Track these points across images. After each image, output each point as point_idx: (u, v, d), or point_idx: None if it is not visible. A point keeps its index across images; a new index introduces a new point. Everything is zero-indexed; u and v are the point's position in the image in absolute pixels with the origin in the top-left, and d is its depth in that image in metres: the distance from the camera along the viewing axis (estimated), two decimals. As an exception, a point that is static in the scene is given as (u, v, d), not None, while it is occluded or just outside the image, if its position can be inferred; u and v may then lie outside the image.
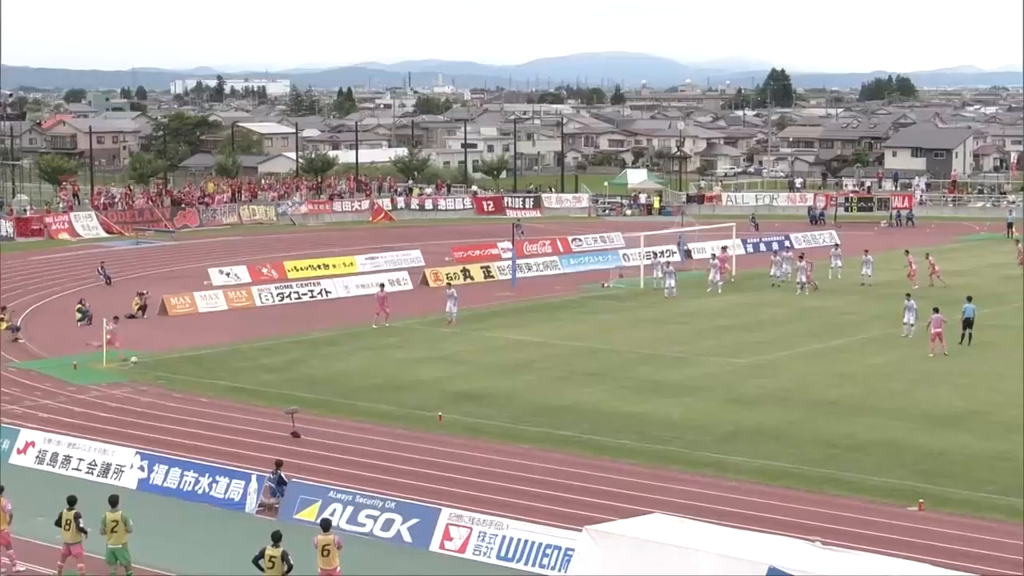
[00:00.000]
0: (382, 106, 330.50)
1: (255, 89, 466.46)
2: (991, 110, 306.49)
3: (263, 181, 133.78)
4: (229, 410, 45.50)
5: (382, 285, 67.63)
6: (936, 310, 55.42)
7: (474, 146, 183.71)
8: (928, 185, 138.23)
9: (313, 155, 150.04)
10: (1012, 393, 47.43)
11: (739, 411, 44.89)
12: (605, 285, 76.31)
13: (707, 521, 30.06)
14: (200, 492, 35.20)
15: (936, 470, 37.53)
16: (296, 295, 72.01)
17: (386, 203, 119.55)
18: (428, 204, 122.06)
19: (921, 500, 34.40)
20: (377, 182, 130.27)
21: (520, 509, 33.50)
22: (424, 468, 37.81)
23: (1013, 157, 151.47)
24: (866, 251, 76.05)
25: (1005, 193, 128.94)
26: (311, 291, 72.89)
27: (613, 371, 51.76)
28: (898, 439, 40.90)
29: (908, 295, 60.16)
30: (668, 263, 75.17)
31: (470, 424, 43.29)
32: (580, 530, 27.42)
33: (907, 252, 77.06)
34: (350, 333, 60.92)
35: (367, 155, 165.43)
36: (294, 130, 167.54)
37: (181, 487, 35.57)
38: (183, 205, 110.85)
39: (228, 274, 77.12)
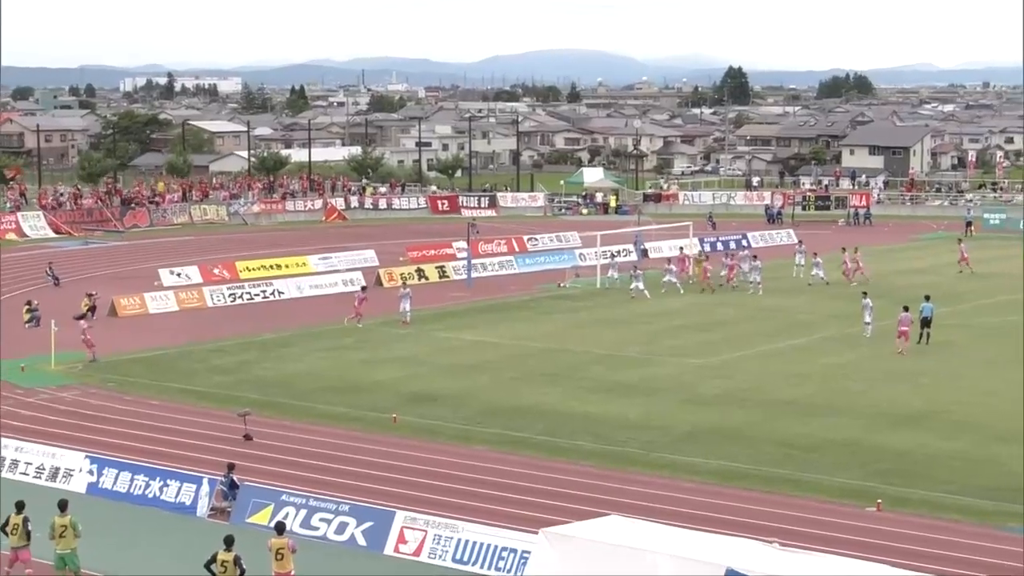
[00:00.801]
0: (335, 104, 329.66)
1: (206, 87, 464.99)
2: (949, 108, 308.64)
3: (214, 180, 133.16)
4: (180, 412, 45.30)
5: (364, 287, 66.97)
6: (906, 308, 55.83)
7: (429, 144, 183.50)
8: (886, 183, 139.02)
9: (265, 154, 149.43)
10: (970, 392, 47.80)
11: (696, 411, 45.02)
12: (561, 285, 76.39)
13: (664, 522, 30.11)
14: (151, 496, 35.03)
15: (894, 470, 37.75)
16: (248, 296, 71.75)
17: (339, 202, 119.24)
18: (382, 203, 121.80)
19: (879, 500, 34.58)
20: (330, 181, 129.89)
21: (476, 511, 33.49)
22: (379, 470, 37.75)
23: (971, 155, 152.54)
24: (815, 254, 76.38)
25: (963, 192, 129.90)
26: (263, 292, 72.63)
27: (569, 372, 51.81)
28: (856, 439, 41.12)
29: (865, 293, 60.62)
30: (636, 266, 75.27)
31: (425, 426, 43.25)
32: (536, 532, 27.42)
33: (844, 249, 77.93)
34: (303, 334, 60.75)
35: (320, 154, 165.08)
36: (246, 128, 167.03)
37: (131, 491, 35.38)
38: (133, 205, 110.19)
39: (179, 275, 76.77)
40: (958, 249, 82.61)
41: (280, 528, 28.66)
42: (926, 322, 56.84)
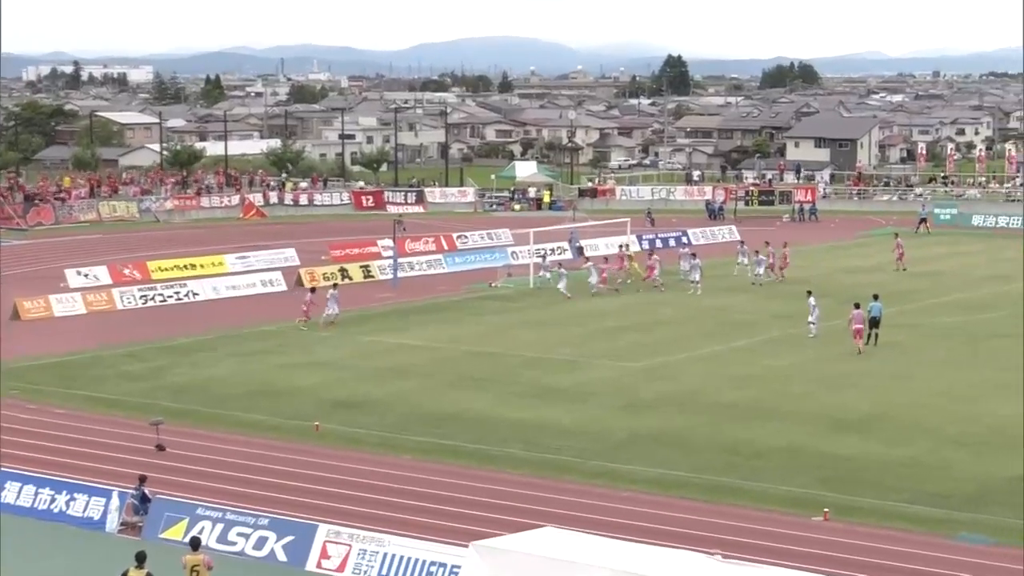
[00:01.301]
0: (253, 94, 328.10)
1: (115, 76, 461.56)
2: (898, 98, 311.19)
3: (124, 175, 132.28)
4: (88, 422, 44.96)
5: (312, 289, 66.54)
6: (857, 306, 56.29)
7: (352, 137, 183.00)
8: (832, 177, 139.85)
9: (179, 147, 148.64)
10: (919, 395, 48.23)
11: (634, 417, 45.16)
12: (492, 285, 76.44)
13: (601, 534, 30.20)
14: (57, 511, 34.74)
15: (841, 477, 38.00)
16: (161, 297, 71.34)
17: (258, 198, 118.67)
18: (303, 199, 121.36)
19: (826, 509, 34.79)
20: (248, 176, 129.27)
21: (403, 524, 33.45)
22: (300, 482, 37.63)
23: (920, 148, 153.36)
24: (757, 251, 76.94)
25: (912, 186, 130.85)
26: (177, 293, 72.24)
27: (500, 376, 51.85)
28: (801, 445, 41.38)
29: (809, 292, 61.04)
30: (560, 264, 75.35)
31: (349, 434, 43.15)
32: (466, 546, 27.43)
33: (767, 243, 79.17)
34: (220, 338, 60.47)
35: (237, 147, 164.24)
36: (158, 120, 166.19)
37: (36, 506, 35.08)
38: (37, 201, 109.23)
39: (86, 275, 76.20)
40: (895, 244, 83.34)
41: (195, 543, 28.50)
42: (874, 322, 57.31)
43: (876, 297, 59.01)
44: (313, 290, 65.64)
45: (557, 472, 38.73)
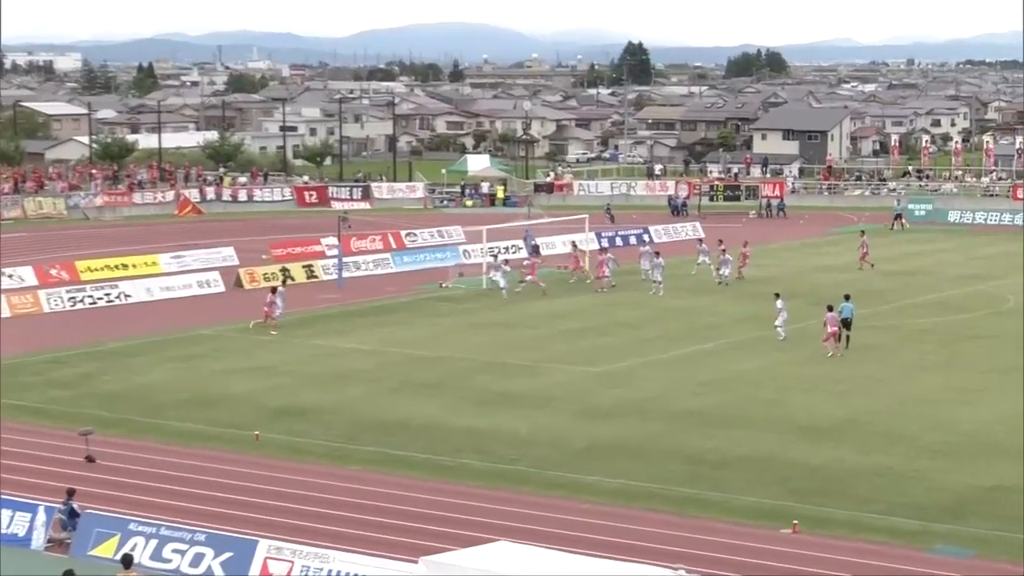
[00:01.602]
0: (188, 84, 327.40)
1: (41, 64, 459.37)
2: (870, 88, 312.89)
3: (51, 169, 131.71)
4: (13, 432, 44.65)
5: (274, 289, 66.16)
6: (830, 308, 56.45)
7: (294, 129, 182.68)
8: (801, 171, 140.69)
9: (109, 139, 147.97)
10: (894, 400, 48.42)
11: (594, 425, 45.19)
12: (443, 285, 76.40)
13: (559, 549, 30.20)
14: (-21, 527, 34.50)
15: (812, 487, 38.11)
16: (91, 299, 71.00)
17: (194, 194, 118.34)
18: (242, 195, 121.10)
19: (796, 521, 34.89)
20: (183, 170, 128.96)
21: (349, 539, 33.38)
22: (239, 495, 37.49)
23: (894, 140, 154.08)
24: (724, 250, 76.94)
25: (885, 180, 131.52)
26: (108, 295, 71.91)
27: (453, 381, 51.82)
28: (770, 453, 41.48)
29: (777, 295, 61.00)
30: (504, 261, 75.36)
31: (292, 443, 43.03)
32: (416, 562, 27.40)
33: (720, 241, 79.74)
34: (153, 342, 60.24)
35: (172, 139, 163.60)
36: (86, 111, 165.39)
37: (-43, 521, 34.82)
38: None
39: (10, 276, 75.74)
40: (861, 242, 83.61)
41: (127, 561, 28.36)
42: (846, 324, 57.42)
43: (847, 297, 59.13)
44: (274, 290, 65.31)
45: (512, 483, 38.71)
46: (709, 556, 32.37)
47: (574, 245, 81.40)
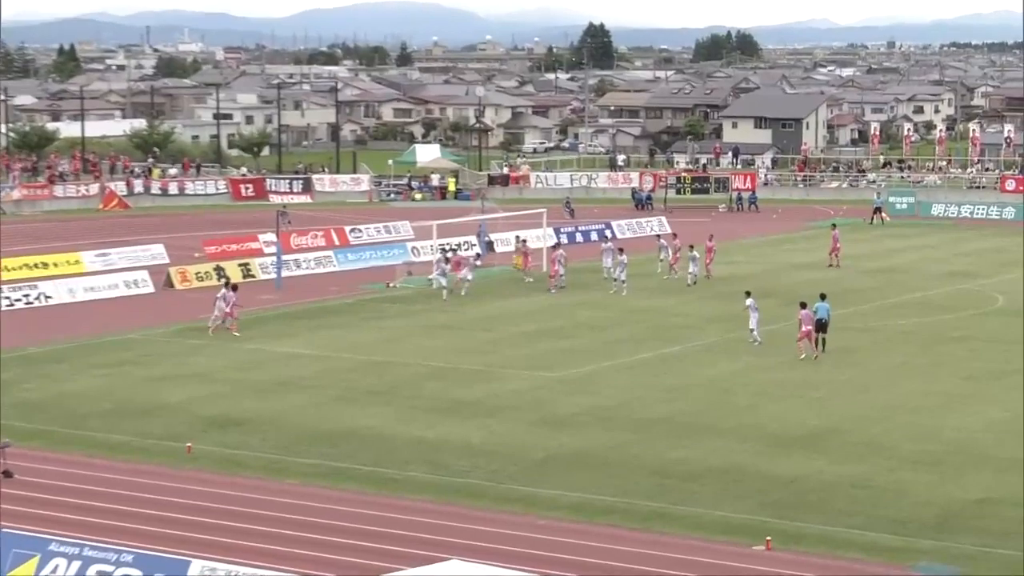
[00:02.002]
0: (114, 67, 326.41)
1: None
2: (848, 72, 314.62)
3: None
4: (-76, 445, 44.42)
5: (235, 287, 65.86)
6: (803, 305, 56.61)
7: (229, 117, 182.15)
8: (774, 162, 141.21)
9: (28, 128, 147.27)
10: (873, 407, 48.62)
11: (552, 434, 45.24)
12: (391, 285, 76.36)
13: (515, 568, 30.21)
14: None
15: (786, 501, 38.24)
16: (7, 301, 70.59)
17: (120, 187, 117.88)
18: (172, 188, 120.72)
19: (769, 537, 35.00)
20: (109, 161, 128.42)
21: (288, 559, 33.32)
22: (170, 511, 37.38)
23: (874, 128, 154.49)
24: (691, 246, 77.03)
25: (864, 171, 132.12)
26: (26, 296, 71.58)
27: (401, 388, 51.81)
28: (741, 464, 41.59)
29: (748, 293, 60.94)
30: (447, 258, 75.41)
31: (227, 456, 42.93)
32: (362, 582, 27.39)
33: (674, 235, 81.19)
34: (77, 347, 60.00)
35: (96, 128, 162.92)
36: (2, 97, 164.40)
37: None
38: None
39: (-78, 276, 75.38)
40: (832, 236, 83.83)
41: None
42: (821, 326, 57.47)
43: (823, 297, 59.10)
44: (235, 287, 65.09)
45: (465, 497, 38.72)
46: (677, 575, 32.43)
47: (523, 242, 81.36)
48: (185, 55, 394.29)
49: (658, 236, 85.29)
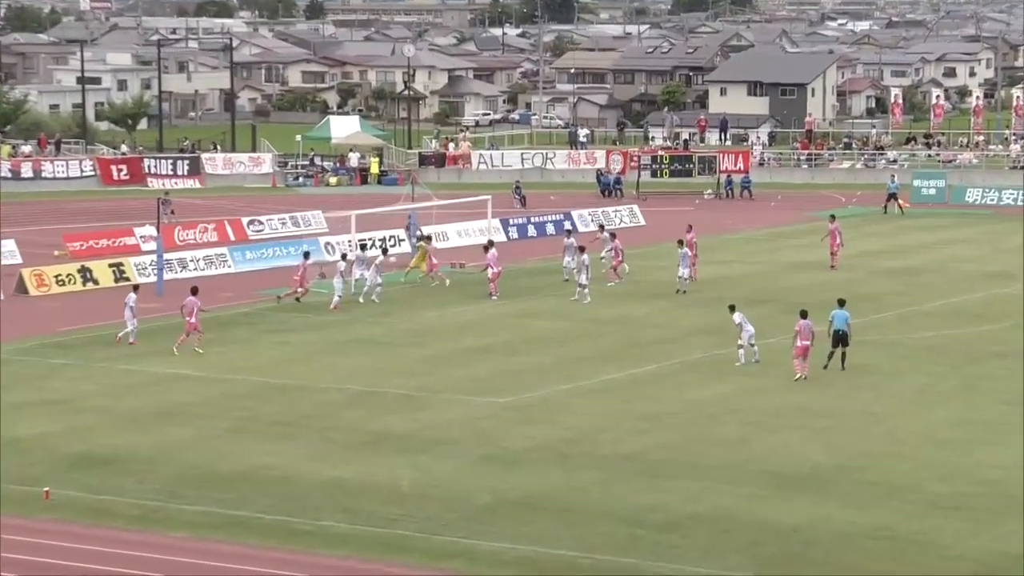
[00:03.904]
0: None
1: None
2: (863, 26, 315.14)
3: None
4: None
5: (194, 289, 65.74)
6: (804, 314, 56.61)
7: (97, 81, 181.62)
8: (773, 137, 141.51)
9: None
10: (892, 440, 48.70)
11: (499, 474, 45.31)
12: (299, 291, 76.23)
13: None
14: None
15: (786, 555, 38.40)
16: None
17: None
18: (26, 170, 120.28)
19: (765, 599, 35.21)
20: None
21: (173, 630, 33.34)
22: (23, 570, 37.29)
23: (895, 95, 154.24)
24: (681, 241, 76.56)
25: (883, 148, 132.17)
26: None
27: (311, 419, 51.78)
28: (731, 511, 41.71)
29: (732, 307, 60.38)
30: (346, 254, 75.61)
31: (95, 503, 42.81)
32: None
33: (601, 227, 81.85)
34: (-92, 368, 59.77)
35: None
36: None
37: None
38: None
39: None
40: (830, 230, 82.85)
41: None
42: (840, 338, 57.62)
43: (842, 303, 58.93)
44: (195, 291, 65.05)
45: (390, 552, 38.77)
46: (651, 647, 32.62)
47: (425, 239, 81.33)
48: (40, 4, 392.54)
49: (601, 227, 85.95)
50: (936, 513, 41.49)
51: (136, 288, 67.29)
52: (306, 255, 74.70)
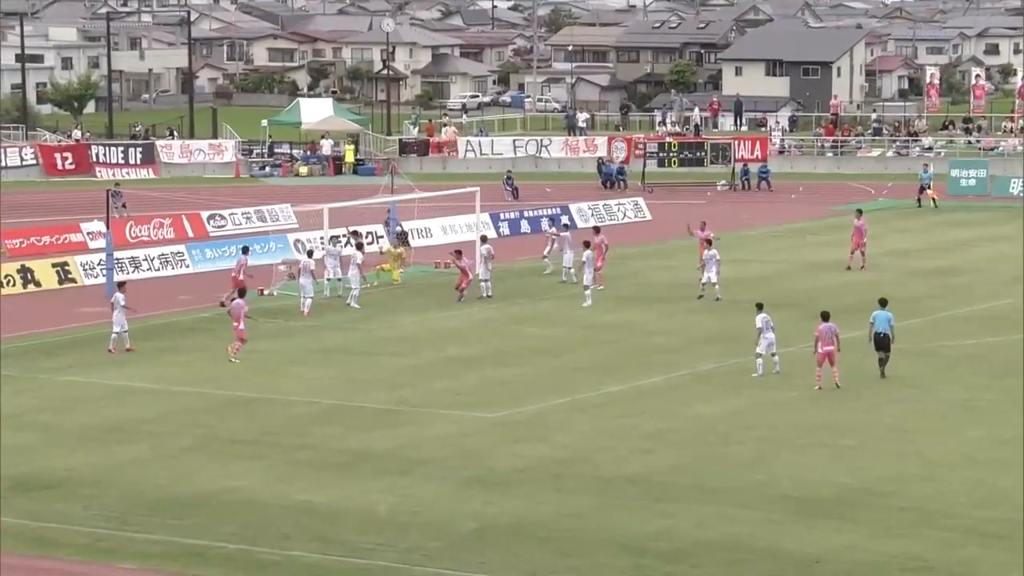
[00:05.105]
0: None
1: None
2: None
3: None
4: None
5: (243, 292, 65.98)
6: (825, 317, 56.65)
7: (39, 59, 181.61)
8: (794, 122, 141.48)
9: None
10: (926, 461, 48.77)
11: (489, 498, 45.39)
12: (266, 292, 76.31)
13: None
14: None
15: (807, 587, 38.57)
16: None
17: None
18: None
19: (783, 637, 35.32)
20: None
21: (124, 671, 33.44)
22: (-41, 607, 37.44)
23: (930, 75, 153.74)
24: (709, 241, 76.29)
25: (917, 134, 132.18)
26: None
27: (279, 436, 51.86)
28: (744, 539, 41.80)
29: (760, 306, 60.64)
30: (320, 249, 75.74)
31: (37, 532, 42.87)
32: None
33: (596, 230, 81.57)
34: None
35: None
36: None
37: None
38: None
39: None
40: (855, 227, 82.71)
41: None
42: (881, 343, 57.81)
43: (884, 303, 59.24)
44: (243, 292, 65.30)
45: (367, 586, 38.90)
46: None
47: (403, 234, 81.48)
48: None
49: (551, 219, 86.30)
50: (975, 541, 41.58)
51: (121, 285, 67.29)
52: (244, 250, 75.06)
